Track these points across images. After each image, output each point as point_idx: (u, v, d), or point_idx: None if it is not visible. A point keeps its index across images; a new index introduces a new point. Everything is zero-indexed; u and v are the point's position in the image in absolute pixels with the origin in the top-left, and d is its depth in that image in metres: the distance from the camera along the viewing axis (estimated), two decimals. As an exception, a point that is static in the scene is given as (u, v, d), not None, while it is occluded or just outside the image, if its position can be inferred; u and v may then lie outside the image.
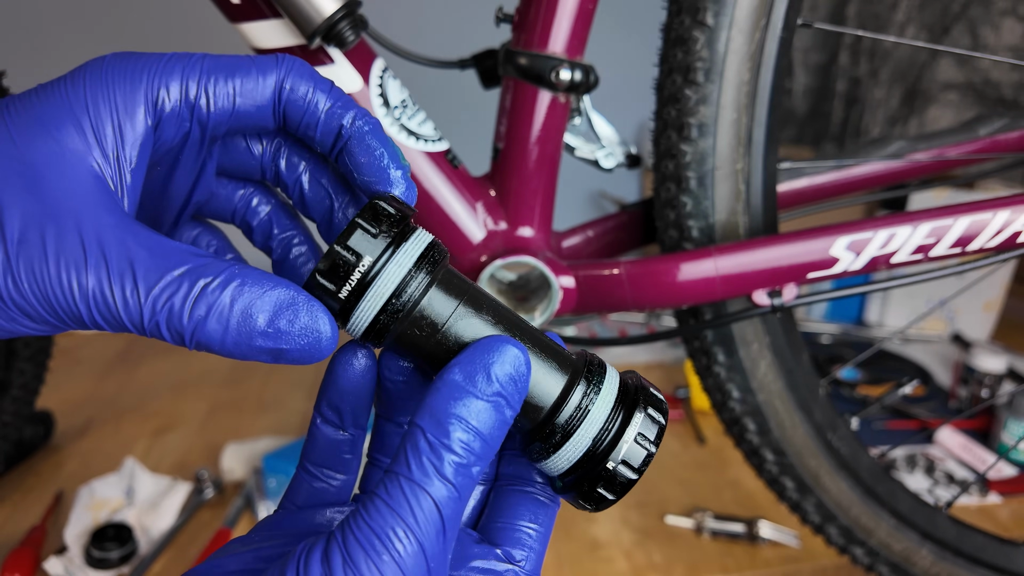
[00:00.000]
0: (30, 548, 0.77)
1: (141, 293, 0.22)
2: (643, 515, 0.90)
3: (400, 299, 0.26)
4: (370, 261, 0.25)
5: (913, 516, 0.68)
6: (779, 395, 0.63)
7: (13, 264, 0.22)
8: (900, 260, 0.52)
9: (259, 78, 0.26)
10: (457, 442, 0.23)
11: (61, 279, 0.22)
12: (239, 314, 0.23)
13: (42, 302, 0.22)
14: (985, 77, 1.46)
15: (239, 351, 0.24)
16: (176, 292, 0.23)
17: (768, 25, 0.52)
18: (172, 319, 0.23)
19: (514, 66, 0.56)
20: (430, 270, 0.26)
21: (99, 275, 0.22)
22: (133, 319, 0.23)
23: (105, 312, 0.22)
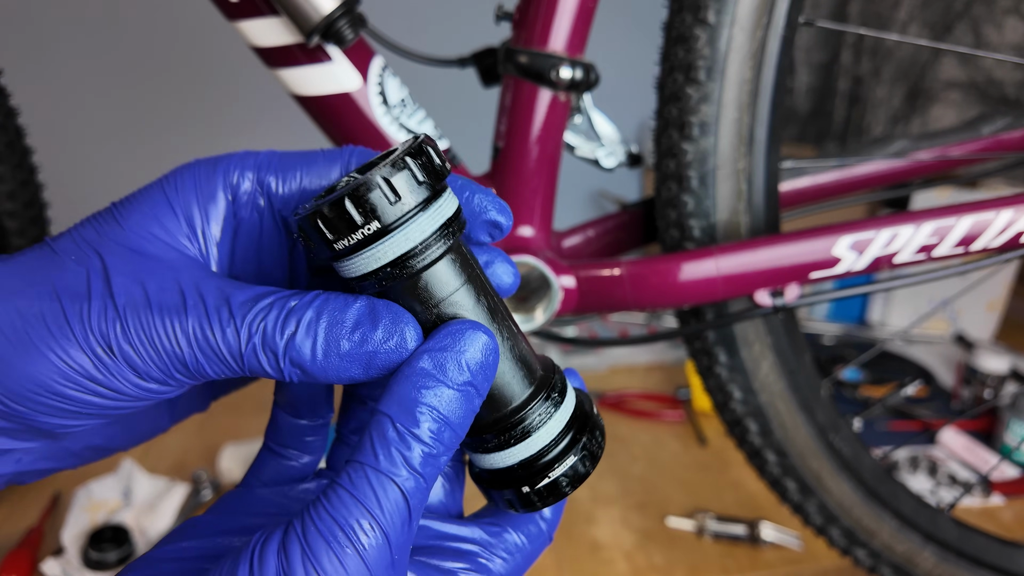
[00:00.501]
0: (27, 550, 0.77)
1: (236, 320, 0.24)
2: (644, 517, 0.90)
3: (414, 259, 0.25)
4: (404, 209, 0.24)
5: (916, 517, 0.68)
6: (781, 396, 0.63)
7: (121, 315, 0.24)
8: (903, 260, 0.52)
9: (326, 163, 0.29)
10: (427, 432, 0.23)
11: (164, 321, 0.24)
12: (326, 324, 0.24)
13: (147, 346, 0.24)
14: (988, 76, 1.46)
15: (331, 364, 0.24)
16: (268, 314, 0.24)
17: (770, 23, 0.52)
18: (266, 338, 0.24)
19: (514, 64, 0.56)
20: (448, 239, 0.25)
21: (198, 312, 0.24)
22: (231, 347, 0.24)
23: (204, 345, 0.24)
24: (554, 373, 0.29)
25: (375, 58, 0.54)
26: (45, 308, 0.24)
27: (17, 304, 0.24)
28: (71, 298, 0.24)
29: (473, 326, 0.25)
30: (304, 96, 0.54)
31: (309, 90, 0.53)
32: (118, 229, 0.26)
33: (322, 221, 0.24)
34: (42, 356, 0.23)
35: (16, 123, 0.76)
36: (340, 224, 0.24)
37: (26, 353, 0.23)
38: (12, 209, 0.73)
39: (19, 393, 0.23)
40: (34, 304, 0.24)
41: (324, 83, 0.53)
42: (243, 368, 0.24)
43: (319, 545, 0.21)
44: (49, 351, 0.23)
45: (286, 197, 0.28)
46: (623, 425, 1.12)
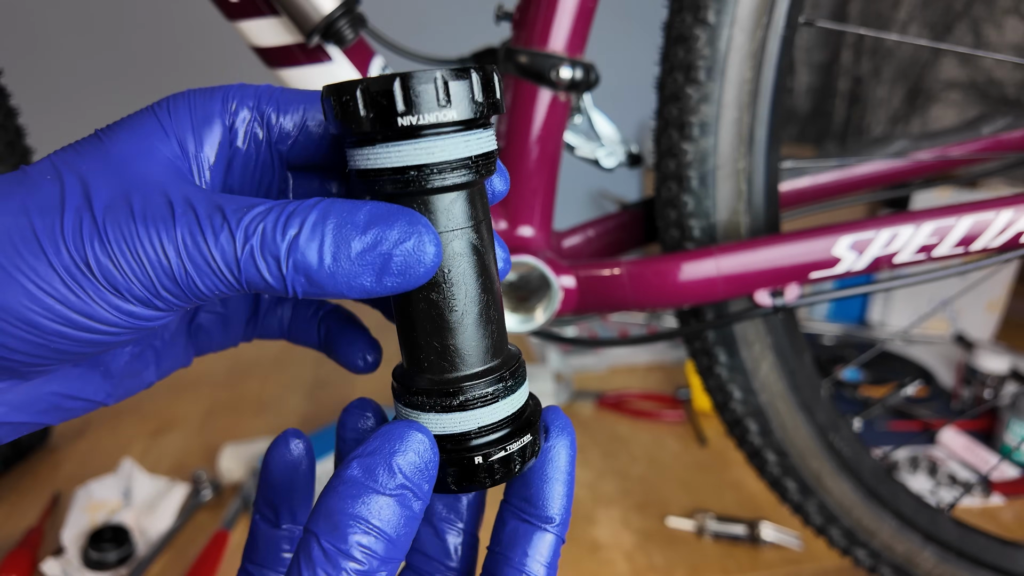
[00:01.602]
0: (27, 550, 0.77)
1: (231, 223, 0.22)
2: (644, 517, 0.90)
3: (438, 173, 0.23)
4: (449, 117, 0.22)
5: (916, 518, 0.68)
6: (781, 396, 0.63)
7: (100, 227, 0.21)
8: (903, 260, 0.52)
9: None
10: (356, 546, 0.21)
11: (150, 230, 0.21)
12: (334, 223, 0.22)
13: (132, 261, 0.21)
14: (988, 76, 1.46)
15: (340, 268, 0.22)
16: (266, 217, 0.22)
17: (770, 23, 0.52)
18: (266, 241, 0.22)
19: (514, 64, 0.56)
20: (475, 174, 0.24)
21: (188, 221, 0.22)
22: (226, 253, 0.21)
23: (195, 253, 0.21)
24: (517, 360, 0.27)
25: (375, 58, 0.54)
26: (11, 224, 0.21)
27: None
28: (42, 213, 0.21)
29: (402, 426, 0.23)
30: (304, 96, 0.54)
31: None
32: (101, 148, 0.24)
33: (362, 95, 0.22)
34: (9, 278, 0.21)
35: (16, 123, 0.76)
36: (379, 104, 0.22)
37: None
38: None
39: None
40: (2, 223, 0.21)
41: (324, 82, 0.53)
42: (240, 280, 0.22)
43: None
44: (17, 271, 0.21)
45: (285, 132, 0.27)
46: (623, 425, 1.12)
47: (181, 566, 0.77)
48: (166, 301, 0.22)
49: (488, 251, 0.25)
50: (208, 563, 0.75)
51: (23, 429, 0.26)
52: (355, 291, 0.22)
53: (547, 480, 0.27)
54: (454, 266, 0.24)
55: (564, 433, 0.28)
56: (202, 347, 0.32)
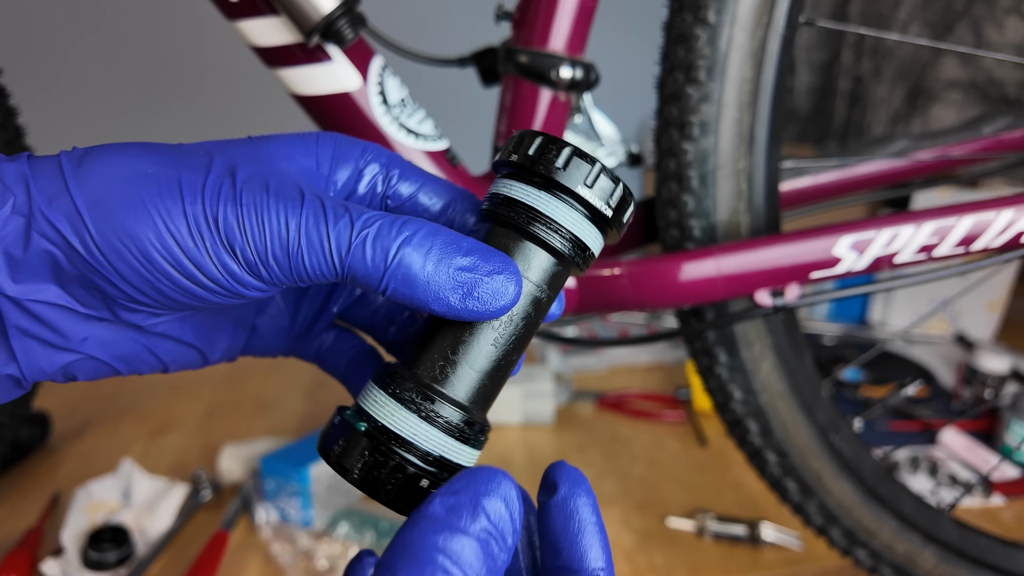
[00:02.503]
0: (26, 550, 0.76)
1: (353, 215, 0.24)
2: (644, 517, 0.90)
3: (547, 227, 0.27)
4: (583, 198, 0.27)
5: (916, 518, 0.68)
6: (782, 396, 0.63)
7: (236, 192, 0.24)
8: (903, 260, 0.52)
9: (442, 190, 0.30)
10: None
11: (279, 206, 0.24)
12: (443, 239, 0.25)
13: (255, 226, 0.24)
14: (989, 76, 1.46)
15: (438, 278, 0.24)
16: (385, 218, 0.25)
17: (770, 23, 0.52)
18: (380, 235, 0.24)
19: (514, 64, 0.56)
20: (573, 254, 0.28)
21: (315, 205, 0.24)
22: (341, 239, 0.24)
23: (313, 233, 0.24)
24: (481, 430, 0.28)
25: (375, 58, 0.54)
26: (161, 174, 0.24)
27: (139, 164, 0.24)
28: (191, 171, 0.24)
29: (495, 470, 0.23)
30: (304, 96, 0.54)
31: (309, 90, 0.53)
32: (249, 144, 0.27)
33: (540, 142, 0.26)
34: (145, 212, 0.23)
35: (16, 123, 0.76)
36: (546, 154, 0.26)
37: (131, 205, 0.23)
38: (11, 209, 0.72)
39: (111, 244, 0.23)
40: (152, 168, 0.24)
41: (324, 83, 0.53)
42: (343, 267, 0.24)
43: None
44: (153, 208, 0.23)
45: (399, 194, 0.29)
46: (623, 425, 1.12)
47: (181, 566, 0.77)
48: (270, 272, 0.24)
49: (539, 322, 0.28)
50: (208, 563, 0.75)
51: (99, 369, 0.28)
52: (440, 304, 0.25)
53: (579, 534, 0.26)
54: (518, 314, 0.27)
55: (578, 485, 0.27)
56: (252, 346, 0.34)
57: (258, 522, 0.83)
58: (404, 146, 0.55)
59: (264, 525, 0.82)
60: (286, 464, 0.83)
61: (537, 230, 0.27)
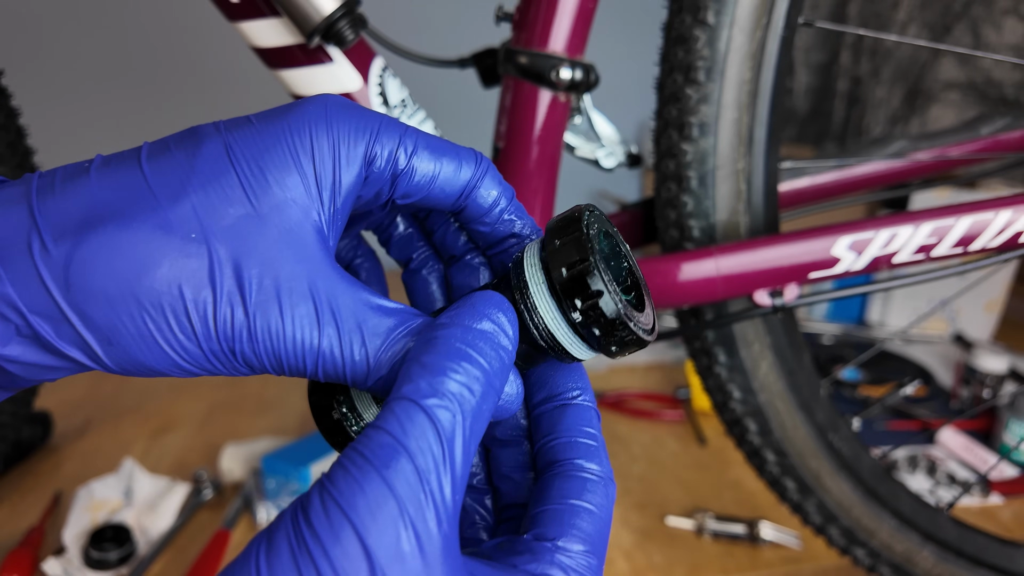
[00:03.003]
0: (28, 549, 0.77)
1: (369, 352, 0.24)
2: (643, 516, 0.90)
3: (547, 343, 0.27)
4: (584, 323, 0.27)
5: (915, 517, 0.68)
6: (780, 396, 0.63)
7: (250, 322, 0.23)
8: (902, 260, 0.52)
9: (459, 168, 0.28)
10: (456, 357, 0.22)
11: (295, 338, 0.24)
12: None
13: (271, 357, 0.24)
14: (987, 76, 1.46)
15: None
16: (396, 346, 0.25)
17: (769, 24, 0.52)
18: (396, 366, 0.24)
19: (514, 65, 0.56)
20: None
21: (331, 337, 0.24)
22: (357, 375, 0.24)
23: (331, 368, 0.24)
24: None
25: (375, 59, 0.55)
26: (163, 289, 0.22)
27: (128, 271, 0.22)
28: (193, 287, 0.22)
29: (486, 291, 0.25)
30: (304, 96, 0.54)
31: (310, 91, 0.53)
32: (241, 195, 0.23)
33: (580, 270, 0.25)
34: (156, 347, 0.23)
35: (18, 124, 0.76)
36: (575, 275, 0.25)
37: (141, 340, 0.22)
38: (13, 209, 0.73)
39: (123, 368, 0.23)
40: (147, 278, 0.22)
41: (325, 84, 0.53)
42: (366, 383, 0.25)
43: (340, 475, 0.19)
44: (166, 344, 0.23)
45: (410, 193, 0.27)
46: (623, 425, 1.12)
47: (182, 565, 0.78)
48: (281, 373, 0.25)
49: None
50: (209, 562, 0.75)
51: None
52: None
53: (558, 367, 0.31)
54: None
55: None
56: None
57: (259, 521, 0.83)
58: (405, 147, 0.55)
59: (265, 524, 0.82)
60: (287, 463, 0.83)
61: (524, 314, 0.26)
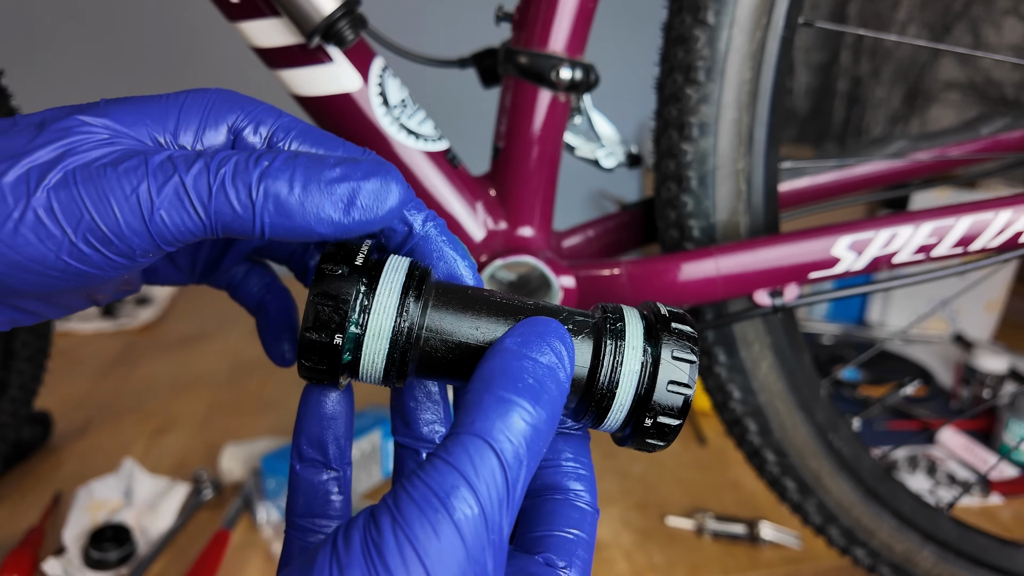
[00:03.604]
0: (28, 549, 0.77)
1: (205, 159, 0.23)
2: (643, 516, 0.90)
3: (403, 330, 0.25)
4: (354, 300, 0.24)
5: (915, 517, 0.68)
6: (780, 396, 0.63)
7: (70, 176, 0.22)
8: (902, 260, 0.52)
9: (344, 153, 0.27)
10: (526, 394, 0.21)
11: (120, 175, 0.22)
12: (305, 160, 0.23)
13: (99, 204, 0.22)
14: (987, 76, 1.46)
15: (310, 197, 0.23)
16: (238, 155, 0.23)
17: (769, 24, 0.52)
18: (238, 171, 0.22)
19: (514, 65, 0.56)
20: (419, 292, 0.26)
21: (161, 161, 0.22)
22: (199, 186, 0.22)
23: (168, 190, 0.22)
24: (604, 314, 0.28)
25: (375, 59, 0.55)
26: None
27: None
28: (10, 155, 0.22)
29: (543, 319, 0.25)
30: (305, 97, 0.54)
31: (310, 91, 0.53)
32: (93, 107, 0.24)
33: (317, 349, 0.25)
34: None
35: (17, 123, 0.76)
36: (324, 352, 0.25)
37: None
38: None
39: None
40: None
41: (325, 84, 0.53)
42: (209, 217, 0.22)
43: (412, 512, 0.19)
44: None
45: None
46: (623, 425, 1.12)
47: (182, 565, 0.78)
48: (130, 245, 0.22)
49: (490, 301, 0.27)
50: (209, 562, 0.75)
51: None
52: (323, 224, 0.23)
53: None
54: None
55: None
56: (161, 274, 0.33)
57: (259, 521, 0.83)
58: (404, 147, 0.55)
59: (265, 524, 0.83)
60: (287, 463, 0.83)
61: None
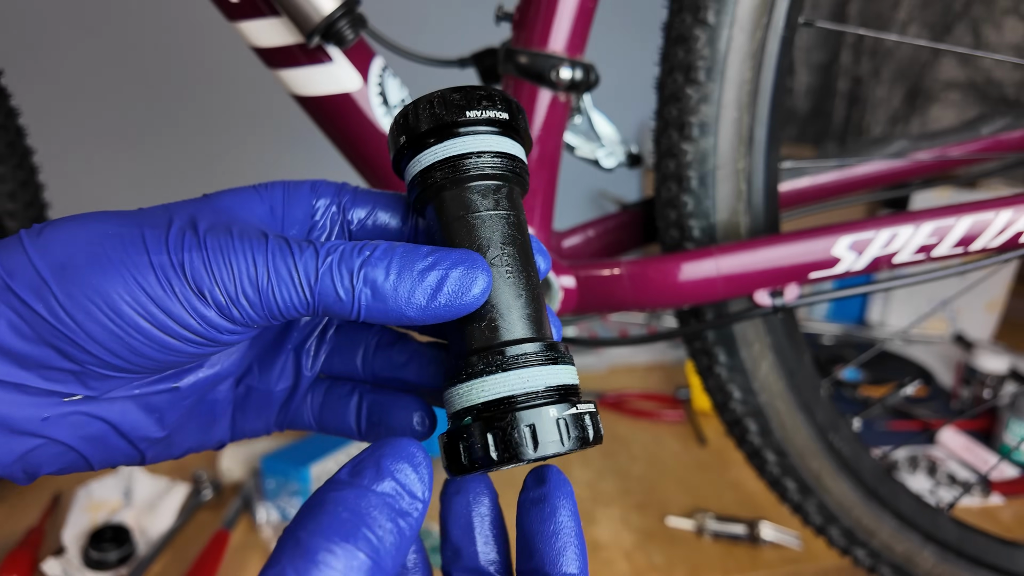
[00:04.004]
0: (28, 549, 0.77)
1: (316, 245, 0.25)
2: (644, 516, 0.90)
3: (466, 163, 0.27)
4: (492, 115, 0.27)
5: (915, 517, 0.68)
6: (781, 396, 0.63)
7: (200, 238, 0.24)
8: (902, 260, 0.52)
9: (396, 199, 0.31)
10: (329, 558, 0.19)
11: (243, 246, 0.24)
12: (401, 251, 0.25)
13: (222, 267, 0.24)
14: (987, 76, 1.46)
15: (402, 284, 0.25)
16: (345, 244, 0.25)
17: (770, 23, 0.52)
18: (344, 257, 0.25)
19: (514, 65, 0.56)
20: (510, 170, 0.28)
21: (278, 242, 0.25)
22: (308, 267, 0.24)
23: (281, 267, 0.24)
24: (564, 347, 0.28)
25: (375, 59, 0.54)
26: (126, 233, 0.24)
27: (101, 227, 0.24)
28: (153, 227, 0.25)
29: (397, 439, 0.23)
30: (304, 96, 0.54)
31: (309, 90, 0.53)
32: (206, 199, 0.27)
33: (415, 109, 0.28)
34: (111, 267, 0.23)
35: (17, 123, 0.76)
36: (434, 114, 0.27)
37: (95, 262, 0.23)
38: (13, 209, 0.73)
39: (78, 303, 0.23)
40: (114, 229, 0.24)
41: (324, 84, 0.53)
42: (314, 294, 0.24)
43: None
44: (120, 263, 0.23)
45: (360, 221, 0.30)
46: (623, 425, 1.12)
47: (181, 566, 0.78)
48: (243, 312, 0.24)
49: (527, 235, 0.29)
50: (208, 563, 0.75)
51: (63, 457, 0.26)
52: (413, 308, 0.25)
53: (554, 536, 0.26)
54: (502, 240, 0.27)
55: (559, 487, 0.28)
56: (238, 427, 0.32)
57: (259, 521, 0.83)
58: (405, 147, 0.55)
59: (265, 524, 0.82)
60: (287, 463, 0.83)
61: (461, 173, 0.27)
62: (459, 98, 0.27)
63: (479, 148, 0.27)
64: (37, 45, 1.42)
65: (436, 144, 0.27)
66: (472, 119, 0.27)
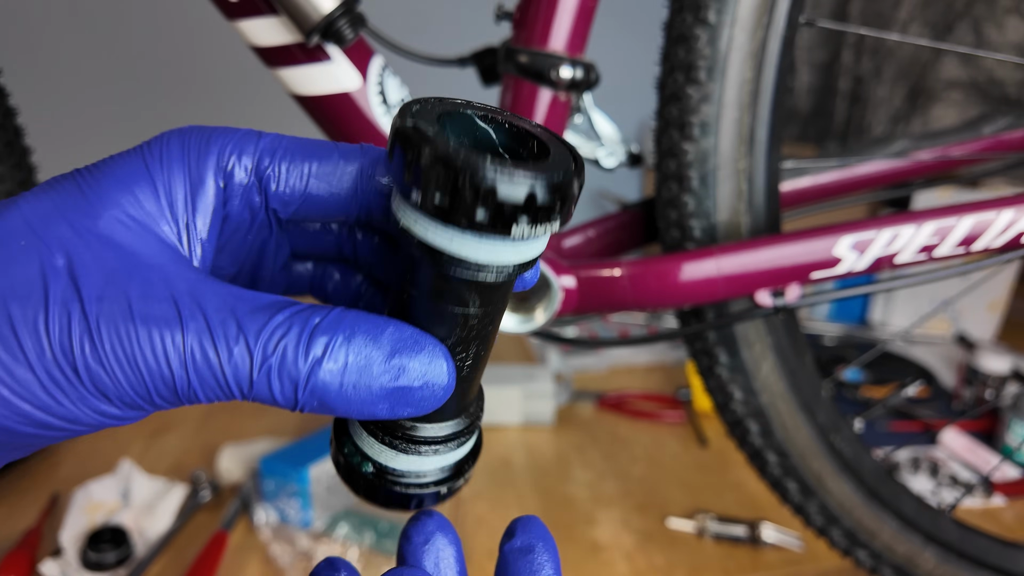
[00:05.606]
0: (25, 551, 0.76)
1: (249, 340, 0.20)
2: (644, 518, 0.90)
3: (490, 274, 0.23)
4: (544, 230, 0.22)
5: (917, 518, 0.68)
6: (782, 396, 0.63)
7: (93, 325, 0.19)
8: (904, 260, 0.51)
9: (339, 163, 0.24)
10: None
11: (152, 338, 0.19)
12: (358, 351, 0.21)
13: (128, 370, 0.19)
14: (989, 75, 1.46)
15: (357, 396, 0.21)
16: (287, 333, 0.20)
17: (771, 23, 0.52)
18: (286, 363, 0.20)
19: (514, 64, 0.55)
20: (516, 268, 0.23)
21: (197, 329, 0.20)
22: (240, 374, 0.20)
23: (205, 371, 0.20)
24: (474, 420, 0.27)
25: (375, 57, 0.54)
26: None
27: None
28: (22, 300, 0.19)
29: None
30: (304, 96, 0.54)
31: (309, 90, 0.53)
32: (84, 204, 0.21)
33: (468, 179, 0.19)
34: None
35: (15, 122, 0.76)
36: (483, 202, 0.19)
37: None
38: (11, 209, 0.72)
39: None
40: None
41: (324, 83, 0.53)
42: (247, 395, 0.20)
43: None
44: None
45: (286, 198, 0.24)
46: (623, 426, 1.12)
47: (180, 567, 0.77)
48: (156, 406, 0.20)
49: (496, 331, 0.25)
50: (207, 564, 0.75)
51: None
52: (367, 415, 0.22)
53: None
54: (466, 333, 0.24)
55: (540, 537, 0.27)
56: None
57: (257, 523, 0.83)
58: (404, 146, 0.54)
59: (263, 526, 0.82)
60: (285, 465, 0.83)
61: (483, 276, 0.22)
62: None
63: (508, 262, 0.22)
64: (36, 44, 1.42)
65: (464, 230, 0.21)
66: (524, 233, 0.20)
